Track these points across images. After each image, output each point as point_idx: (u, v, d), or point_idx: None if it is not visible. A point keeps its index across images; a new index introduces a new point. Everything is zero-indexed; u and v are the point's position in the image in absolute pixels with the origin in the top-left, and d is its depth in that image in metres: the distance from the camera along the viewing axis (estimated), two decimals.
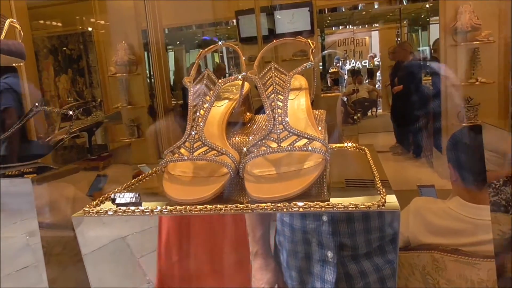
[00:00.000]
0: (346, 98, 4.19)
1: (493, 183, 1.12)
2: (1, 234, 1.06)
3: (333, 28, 4.67)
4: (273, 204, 0.55)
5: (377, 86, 4.47)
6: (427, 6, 3.83)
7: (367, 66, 4.52)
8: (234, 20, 3.46)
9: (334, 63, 4.74)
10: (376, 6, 4.23)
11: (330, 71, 4.55)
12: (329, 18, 4.42)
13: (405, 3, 4.04)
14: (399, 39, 4.37)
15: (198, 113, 0.65)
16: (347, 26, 4.60)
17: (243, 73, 0.70)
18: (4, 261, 1.07)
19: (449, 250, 1.19)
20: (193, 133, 0.63)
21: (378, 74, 4.51)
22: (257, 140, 0.62)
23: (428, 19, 3.89)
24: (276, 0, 3.34)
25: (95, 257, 0.79)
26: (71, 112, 1.08)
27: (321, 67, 4.16)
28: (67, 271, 1.07)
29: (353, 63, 4.59)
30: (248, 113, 0.82)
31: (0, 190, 1.00)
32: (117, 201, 0.63)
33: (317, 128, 0.66)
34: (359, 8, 4.27)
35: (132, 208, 0.61)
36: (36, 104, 1.08)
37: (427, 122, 3.29)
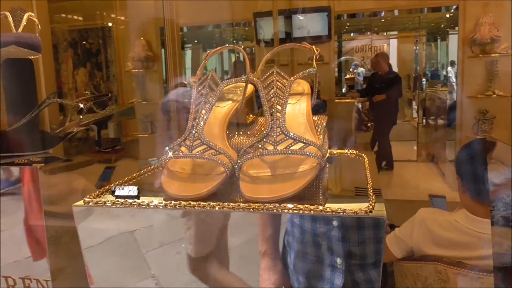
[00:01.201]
0: (360, 105, 4.17)
1: (502, 198, 1.11)
2: (8, 222, 1.08)
3: (351, 34, 4.65)
4: (264, 204, 0.56)
5: None
6: (447, 16, 3.79)
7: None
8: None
9: (351, 69, 4.72)
10: (396, 14, 4.20)
11: (346, 77, 4.54)
12: (348, 24, 4.40)
13: (425, 12, 4.00)
14: (417, 47, 4.33)
15: (199, 113, 0.66)
16: (366, 33, 4.58)
17: (246, 75, 0.71)
18: (12, 249, 1.09)
19: (453, 262, 1.18)
20: (193, 131, 0.64)
21: None
22: (254, 141, 0.63)
23: (447, 29, 3.85)
24: (294, 3, 3.34)
25: (101, 249, 0.80)
26: (81, 106, 1.10)
27: (336, 73, 4.15)
28: (75, 260, 1.09)
29: (369, 70, 4.56)
30: (251, 115, 0.83)
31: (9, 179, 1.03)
32: (116, 193, 0.65)
33: (315, 133, 0.67)
34: (378, 16, 4.24)
35: (130, 201, 0.63)
36: (49, 96, 1.11)
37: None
